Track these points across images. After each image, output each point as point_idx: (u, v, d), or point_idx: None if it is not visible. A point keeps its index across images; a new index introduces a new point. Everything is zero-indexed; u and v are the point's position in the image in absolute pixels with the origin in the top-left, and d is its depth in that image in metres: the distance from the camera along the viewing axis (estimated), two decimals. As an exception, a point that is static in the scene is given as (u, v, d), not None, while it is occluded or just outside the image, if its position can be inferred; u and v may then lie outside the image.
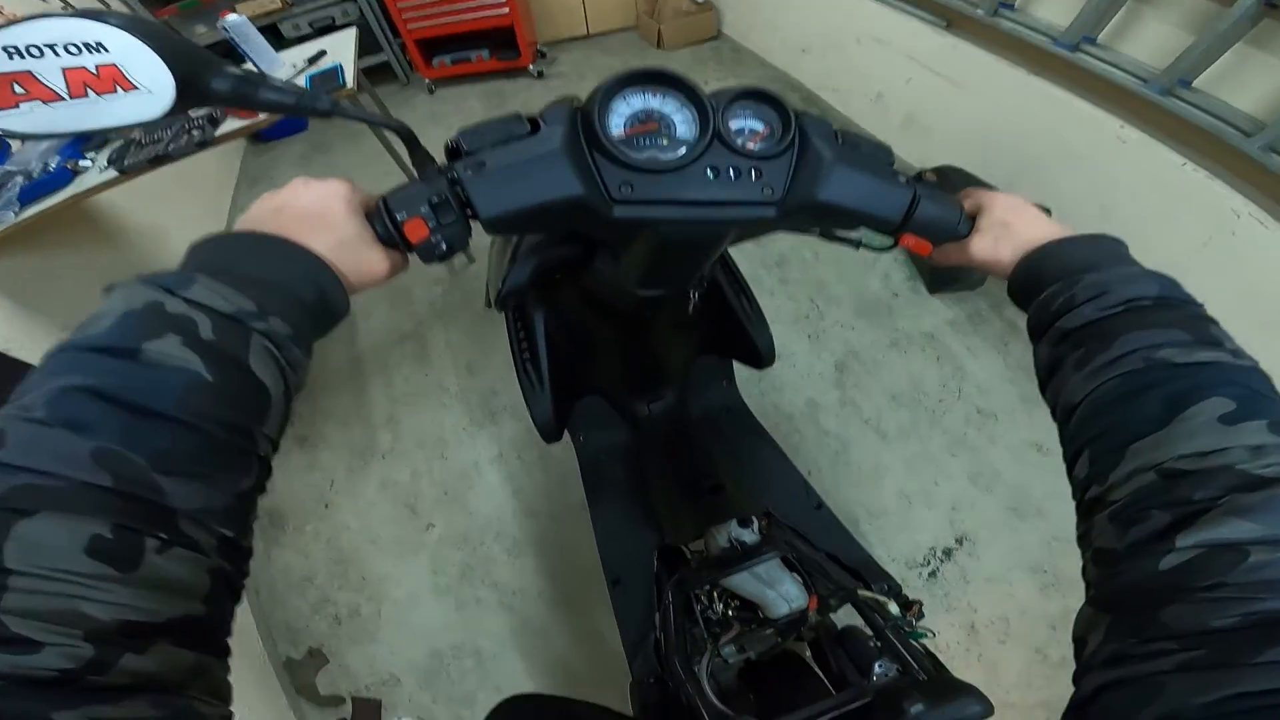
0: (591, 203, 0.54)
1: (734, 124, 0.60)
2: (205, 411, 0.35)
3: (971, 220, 0.65)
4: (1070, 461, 0.46)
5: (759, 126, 0.61)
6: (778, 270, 2.33)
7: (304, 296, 0.43)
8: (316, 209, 0.48)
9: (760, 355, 1.13)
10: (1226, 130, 1.52)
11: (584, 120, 0.55)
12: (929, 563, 1.78)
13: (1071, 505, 0.46)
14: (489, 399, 2.15)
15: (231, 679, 0.39)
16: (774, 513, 1.10)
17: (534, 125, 0.55)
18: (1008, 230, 0.61)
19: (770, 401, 2.05)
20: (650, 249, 0.66)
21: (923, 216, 0.63)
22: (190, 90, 0.43)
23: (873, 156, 0.63)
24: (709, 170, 0.57)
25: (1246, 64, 1.52)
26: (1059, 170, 1.93)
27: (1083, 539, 0.44)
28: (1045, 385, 0.51)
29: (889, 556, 1.79)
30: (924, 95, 2.50)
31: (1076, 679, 0.39)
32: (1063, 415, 0.48)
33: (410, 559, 1.89)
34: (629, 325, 0.96)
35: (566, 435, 1.26)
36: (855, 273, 2.31)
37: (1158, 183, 1.69)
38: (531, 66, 3.90)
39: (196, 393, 0.35)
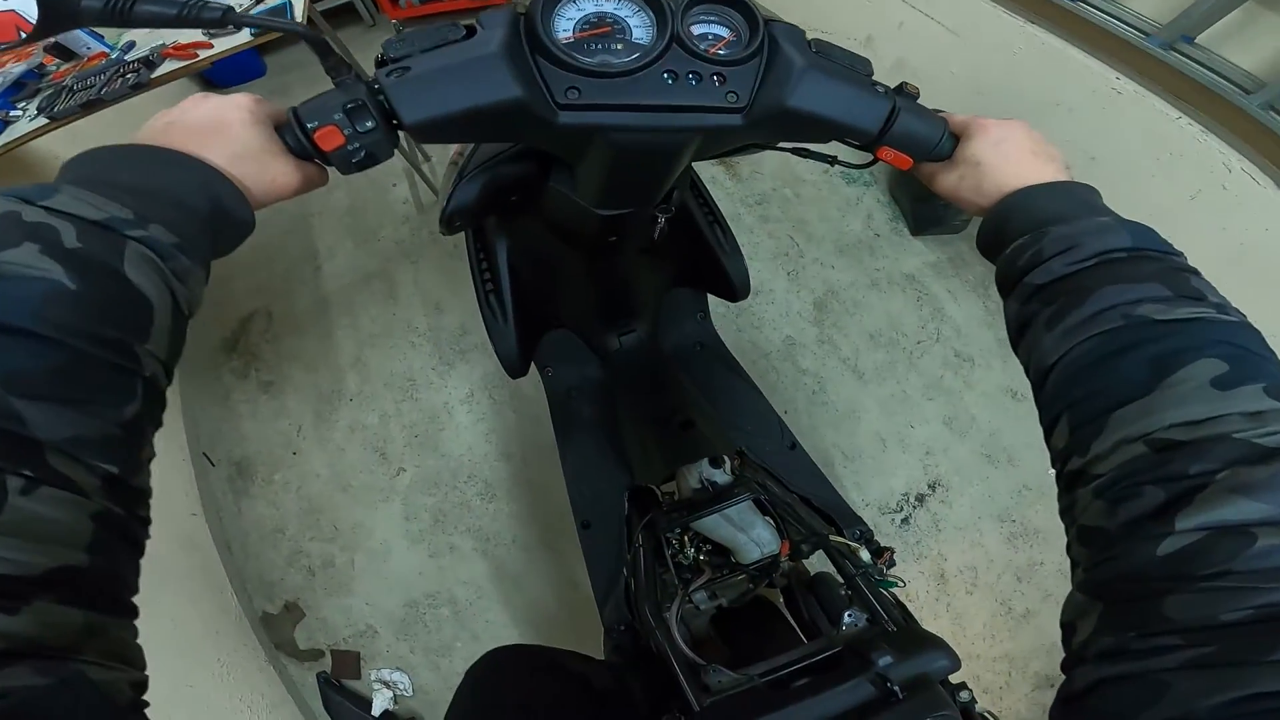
0: (532, 108, 0.50)
1: (696, 29, 0.56)
2: (70, 324, 0.31)
3: (956, 141, 0.60)
4: (1047, 428, 0.43)
5: (724, 32, 0.57)
6: (758, 208, 2.26)
7: (195, 206, 0.40)
8: (211, 122, 0.45)
9: (734, 287, 1.09)
10: (1226, 87, 1.50)
11: (527, 23, 0.51)
12: (902, 509, 1.81)
13: (1043, 453, 0.43)
14: (459, 337, 2.10)
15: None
16: (747, 452, 1.08)
17: (470, 31, 0.51)
18: (979, 170, 0.56)
19: (747, 338, 2.02)
20: (605, 163, 0.62)
21: (902, 129, 0.58)
22: (56, 8, 0.42)
23: (849, 65, 0.58)
24: (666, 75, 0.53)
25: (1255, 22, 1.48)
26: (1050, 119, 1.88)
27: (1066, 513, 0.41)
28: (1017, 344, 0.48)
29: (863, 501, 1.80)
30: (916, 40, 2.41)
31: (1066, 668, 0.37)
32: (1036, 377, 0.44)
33: (382, 506, 1.87)
34: (594, 252, 0.92)
35: (537, 373, 1.22)
36: (837, 212, 2.26)
37: (1150, 135, 1.66)
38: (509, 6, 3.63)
39: (57, 303, 0.31)
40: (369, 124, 0.48)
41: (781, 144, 0.72)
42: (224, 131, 0.45)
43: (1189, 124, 1.57)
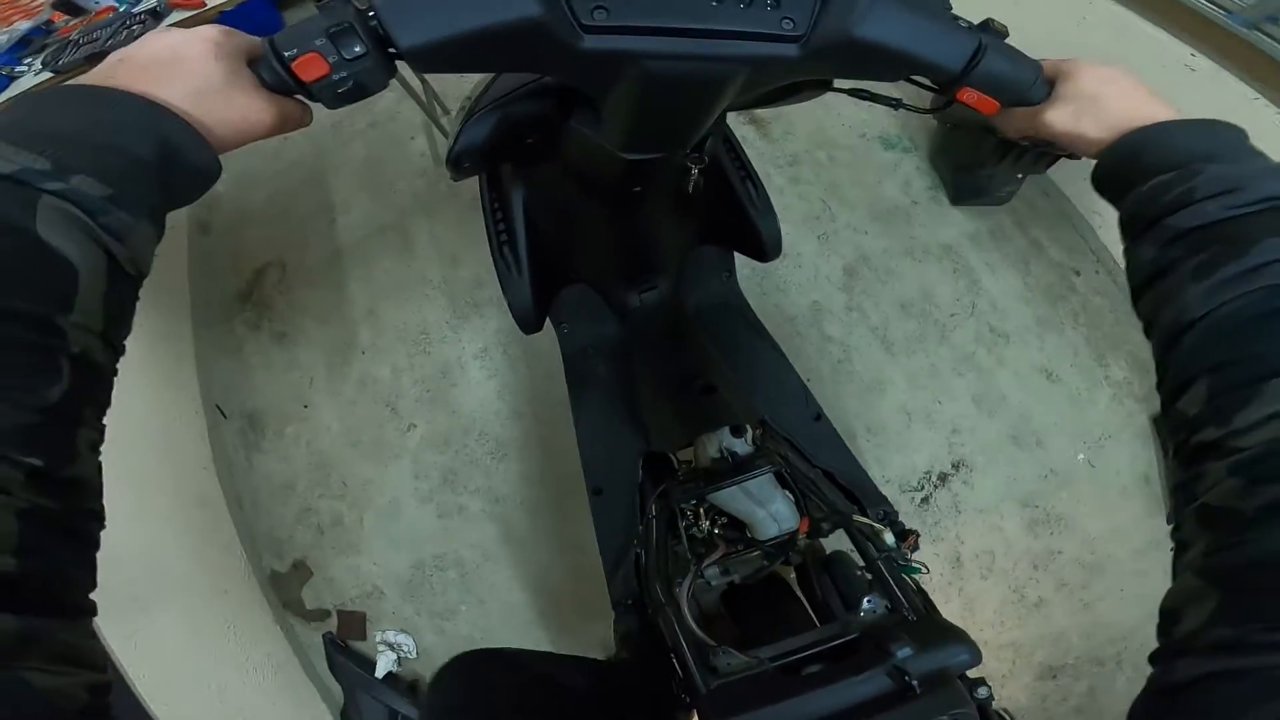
0: (552, 29, 0.44)
1: None
2: None
3: (1050, 86, 0.54)
4: (1173, 391, 0.39)
5: None
6: (789, 169, 2.15)
7: (138, 152, 0.36)
8: (166, 56, 0.40)
9: (765, 246, 1.03)
10: (1312, 70, 1.40)
11: None
12: (923, 487, 1.77)
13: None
14: (474, 290, 2.04)
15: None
16: (769, 422, 1.03)
17: None
18: (1096, 103, 0.50)
19: (772, 302, 1.94)
20: (634, 98, 0.55)
21: (989, 69, 0.52)
22: None
23: None
24: None
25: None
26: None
27: (1183, 488, 0.37)
28: (1142, 293, 0.44)
29: (883, 478, 1.75)
30: (974, 3, 2.26)
31: (1164, 658, 0.34)
32: (1167, 333, 0.40)
33: (392, 463, 1.85)
34: (617, 202, 0.86)
35: (552, 330, 1.17)
36: (873, 177, 2.14)
37: (1223, 114, 1.55)
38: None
39: None
40: (357, 49, 0.43)
41: (839, 84, 0.65)
42: (181, 66, 0.40)
43: (1265, 105, 1.49)
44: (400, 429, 1.89)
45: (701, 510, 0.94)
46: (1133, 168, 0.46)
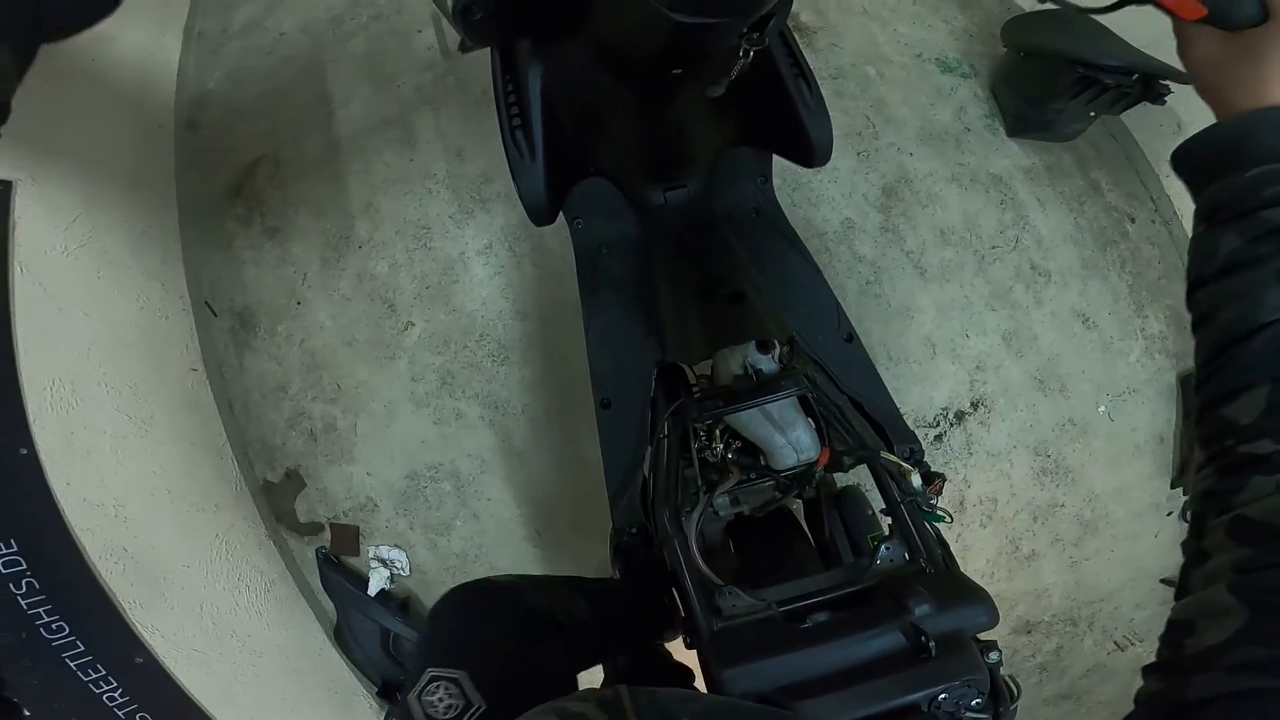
0: None
1: None
2: None
3: (1264, 16, 0.44)
4: (1221, 395, 0.37)
5: None
6: (833, 83, 1.97)
7: None
8: None
9: (813, 149, 0.92)
10: None
11: None
12: (938, 424, 1.73)
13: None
14: (481, 186, 1.91)
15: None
16: (799, 339, 0.95)
17: None
18: (1257, 66, 0.42)
19: (801, 214, 1.82)
20: None
21: None
22: None
23: None
24: None
25: None
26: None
27: (1214, 496, 0.36)
28: (1207, 284, 0.41)
29: (899, 410, 1.71)
30: None
31: (1173, 671, 0.33)
32: (1228, 331, 0.38)
33: (388, 364, 1.78)
34: (650, 87, 0.78)
35: (564, 227, 1.08)
36: (925, 99, 1.97)
37: None
38: None
39: None
40: None
41: None
42: None
43: None
44: (397, 327, 1.80)
45: (717, 432, 0.87)
46: (1236, 151, 0.41)
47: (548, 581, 0.88)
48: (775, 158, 1.07)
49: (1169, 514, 1.77)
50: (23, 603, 1.07)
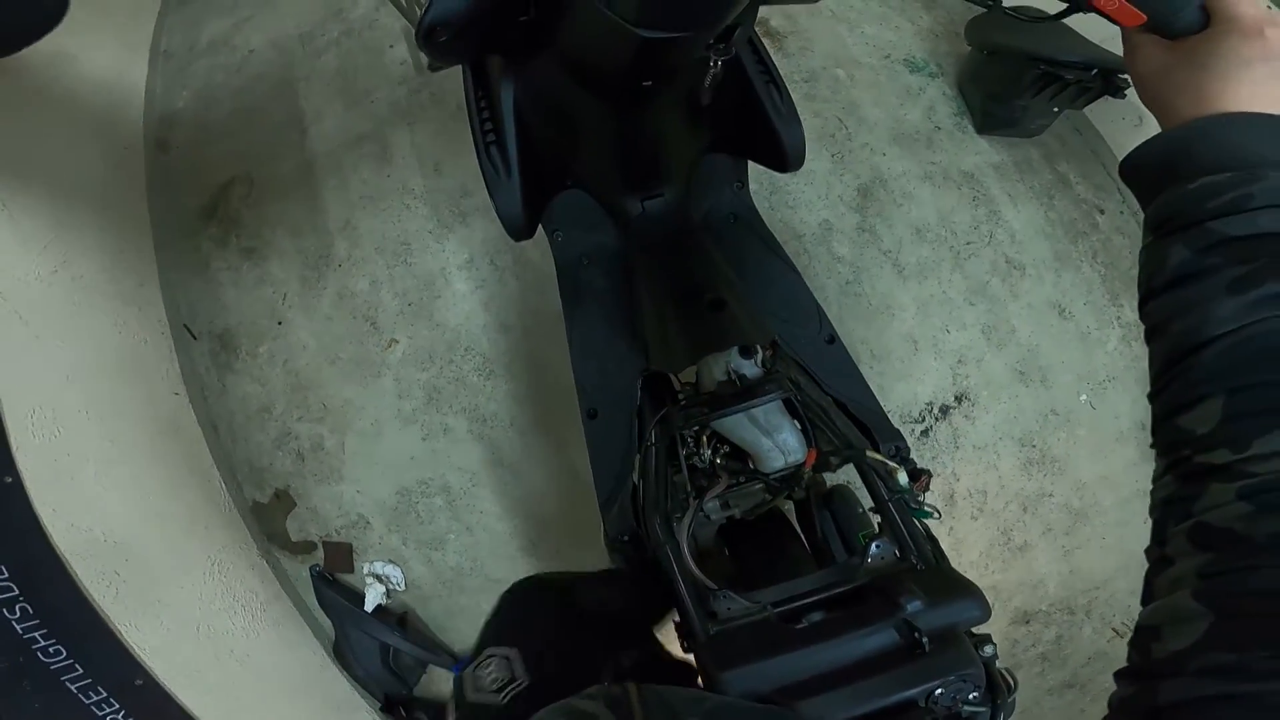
0: None
1: None
2: None
3: (1204, 21, 0.44)
4: (1176, 405, 0.38)
5: None
6: (804, 86, 2.00)
7: None
8: None
9: (786, 155, 0.93)
10: None
11: None
12: (924, 419, 1.74)
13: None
14: (459, 200, 1.91)
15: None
16: (781, 343, 0.97)
17: None
18: (1197, 75, 0.42)
19: (779, 218, 1.85)
20: None
21: None
22: None
23: None
24: None
25: None
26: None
27: (1174, 504, 0.37)
28: (1158, 295, 0.41)
29: (885, 408, 1.72)
30: None
31: (1141, 676, 0.33)
32: (1181, 343, 0.38)
33: (373, 382, 1.77)
34: (623, 100, 0.78)
35: (544, 240, 1.08)
36: (895, 99, 2.01)
37: None
38: None
39: None
40: None
41: None
42: None
43: None
44: (381, 345, 1.79)
45: (704, 438, 0.88)
46: (1181, 159, 0.41)
47: (585, 576, 0.93)
48: (751, 163, 1.08)
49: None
50: (17, 627, 1.07)
